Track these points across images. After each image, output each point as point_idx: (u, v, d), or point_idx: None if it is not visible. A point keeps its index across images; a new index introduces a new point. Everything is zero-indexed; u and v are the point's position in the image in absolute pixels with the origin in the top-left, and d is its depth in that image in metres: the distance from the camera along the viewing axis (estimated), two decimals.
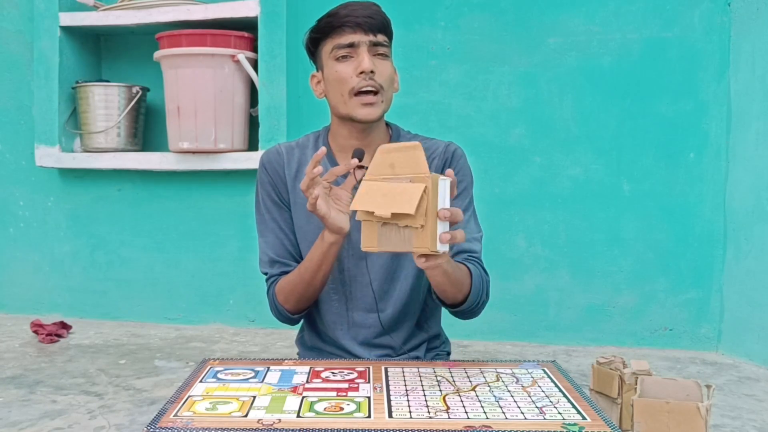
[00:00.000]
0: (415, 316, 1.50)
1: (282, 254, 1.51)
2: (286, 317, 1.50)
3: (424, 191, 1.08)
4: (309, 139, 1.57)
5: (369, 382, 1.14)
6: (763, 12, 2.45)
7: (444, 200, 1.11)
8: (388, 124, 1.54)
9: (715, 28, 2.60)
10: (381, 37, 1.42)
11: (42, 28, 2.91)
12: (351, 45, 1.39)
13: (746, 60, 2.52)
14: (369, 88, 1.39)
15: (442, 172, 1.48)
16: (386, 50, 1.43)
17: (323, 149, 1.27)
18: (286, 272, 1.49)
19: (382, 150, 1.15)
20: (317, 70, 1.50)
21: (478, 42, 2.75)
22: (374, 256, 1.46)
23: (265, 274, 1.52)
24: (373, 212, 1.10)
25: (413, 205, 1.07)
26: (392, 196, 1.10)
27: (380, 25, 1.42)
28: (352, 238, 1.43)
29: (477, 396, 1.08)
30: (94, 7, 2.90)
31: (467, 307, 1.39)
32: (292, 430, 0.94)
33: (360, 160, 1.35)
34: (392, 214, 1.08)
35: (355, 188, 1.40)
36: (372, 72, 1.38)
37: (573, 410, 1.02)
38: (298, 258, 1.52)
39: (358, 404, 1.03)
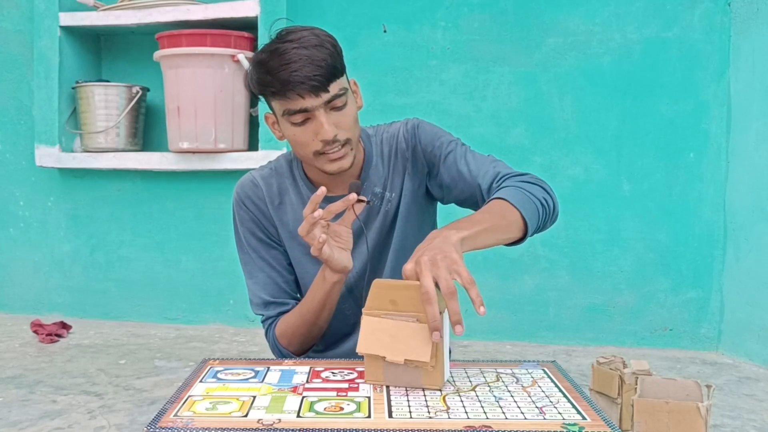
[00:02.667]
0: None
1: (276, 294, 1.42)
2: (290, 358, 1.42)
3: None
4: (282, 165, 1.44)
5: None
6: (763, 12, 2.45)
7: (447, 331, 1.10)
8: None
9: (715, 28, 2.60)
10: (335, 88, 1.24)
11: (42, 28, 2.91)
12: (304, 110, 1.24)
13: (746, 60, 2.52)
14: (335, 149, 1.28)
15: (413, 149, 1.40)
16: (343, 97, 1.27)
17: (323, 189, 1.19)
18: (284, 312, 1.42)
19: (379, 285, 1.10)
20: (270, 110, 1.34)
21: (478, 42, 2.75)
22: (379, 272, 1.41)
23: (260, 315, 1.44)
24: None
25: (428, 353, 1.05)
26: (403, 340, 1.06)
27: (330, 76, 1.23)
28: (354, 252, 1.36)
29: (477, 396, 1.08)
30: (94, 7, 2.90)
31: (537, 225, 1.25)
32: (292, 430, 0.94)
33: (358, 194, 1.24)
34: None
35: (357, 221, 1.32)
36: (335, 134, 1.26)
37: (573, 410, 1.02)
38: (294, 295, 1.45)
39: (358, 404, 1.03)
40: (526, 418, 0.99)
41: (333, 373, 1.19)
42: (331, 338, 1.51)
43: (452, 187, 1.39)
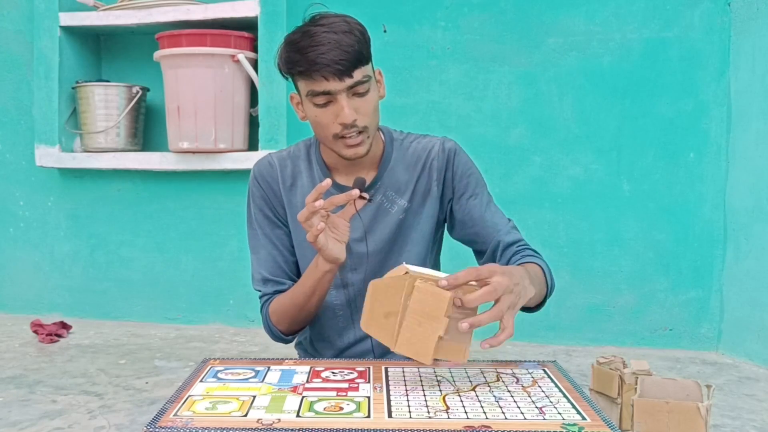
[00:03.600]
0: None
1: (275, 272, 1.46)
2: (279, 337, 1.47)
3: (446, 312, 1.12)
4: (300, 149, 1.49)
5: (369, 381, 1.14)
6: (763, 12, 2.45)
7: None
8: (378, 128, 1.46)
9: (715, 28, 2.59)
10: (359, 74, 1.29)
11: (42, 28, 2.91)
12: (327, 93, 1.29)
13: (746, 60, 2.52)
14: (352, 134, 1.32)
15: (445, 172, 1.45)
16: (366, 84, 1.31)
17: (328, 181, 1.23)
18: (280, 291, 1.45)
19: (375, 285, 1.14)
20: (296, 90, 1.38)
21: (478, 42, 2.75)
22: (375, 270, 1.41)
23: (258, 291, 1.49)
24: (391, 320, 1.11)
25: (429, 354, 1.10)
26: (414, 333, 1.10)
27: (355, 62, 1.27)
28: (352, 251, 1.39)
29: (477, 396, 1.08)
30: (94, 7, 2.90)
31: (546, 300, 1.40)
32: (292, 429, 0.94)
33: (361, 190, 1.28)
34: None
35: (359, 220, 1.37)
36: (354, 119, 1.30)
37: (573, 410, 1.02)
38: (293, 276, 1.48)
39: (358, 404, 1.03)
40: (525, 418, 0.99)
41: (333, 373, 1.19)
42: (327, 347, 1.52)
43: (466, 225, 1.46)
